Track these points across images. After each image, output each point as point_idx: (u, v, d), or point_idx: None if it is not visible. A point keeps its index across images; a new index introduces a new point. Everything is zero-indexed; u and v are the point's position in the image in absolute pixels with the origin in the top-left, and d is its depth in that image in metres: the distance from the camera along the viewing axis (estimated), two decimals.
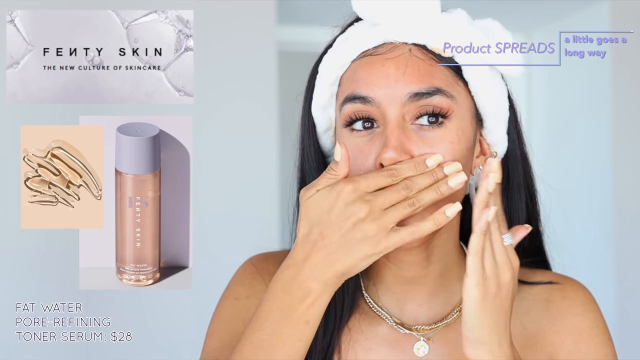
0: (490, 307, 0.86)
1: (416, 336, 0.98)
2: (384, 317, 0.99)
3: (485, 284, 0.86)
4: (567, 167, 3.19)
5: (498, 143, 0.98)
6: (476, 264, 0.85)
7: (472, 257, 0.85)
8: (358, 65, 0.94)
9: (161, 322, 2.36)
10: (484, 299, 0.85)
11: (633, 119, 2.86)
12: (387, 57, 0.92)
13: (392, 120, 0.90)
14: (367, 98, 0.91)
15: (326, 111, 0.98)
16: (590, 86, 2.99)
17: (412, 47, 0.92)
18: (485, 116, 0.96)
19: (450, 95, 0.92)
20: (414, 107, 0.90)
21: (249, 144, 2.52)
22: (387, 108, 0.91)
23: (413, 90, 0.90)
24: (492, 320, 0.86)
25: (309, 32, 3.05)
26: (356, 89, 0.92)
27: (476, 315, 0.85)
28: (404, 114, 0.91)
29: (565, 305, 1.00)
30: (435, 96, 0.90)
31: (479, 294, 0.85)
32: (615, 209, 2.86)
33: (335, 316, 0.98)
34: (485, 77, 0.94)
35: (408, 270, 0.98)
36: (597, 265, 2.89)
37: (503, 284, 0.87)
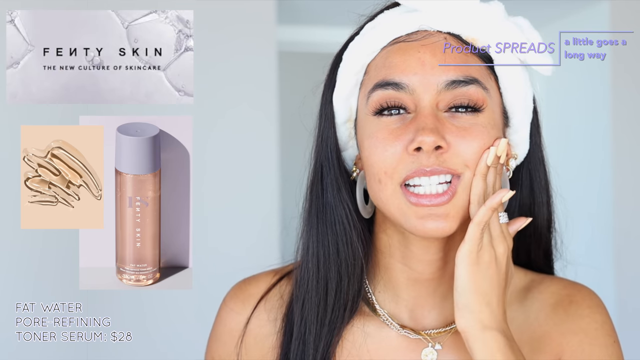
0: (482, 275, 0.88)
1: (425, 342, 0.96)
2: (389, 323, 0.97)
3: (480, 252, 0.88)
4: (567, 167, 3.19)
5: (520, 145, 0.97)
6: (476, 233, 0.88)
7: (474, 226, 0.88)
8: (390, 51, 0.91)
9: (161, 322, 2.36)
10: (476, 265, 0.88)
11: (633, 119, 2.86)
12: (422, 44, 0.90)
13: (427, 107, 0.88)
14: (400, 84, 0.89)
15: (348, 101, 0.96)
16: (590, 87, 2.99)
17: (446, 36, 0.91)
18: (512, 114, 0.94)
19: (485, 87, 0.90)
20: (449, 96, 0.89)
21: (249, 144, 2.52)
22: (422, 94, 0.89)
23: (450, 77, 0.89)
24: (482, 289, 0.88)
25: (309, 32, 3.05)
26: (388, 75, 0.90)
27: (466, 279, 0.87)
28: (438, 102, 0.89)
29: (572, 308, 0.99)
30: (472, 86, 0.89)
31: (472, 259, 0.88)
32: (615, 208, 2.86)
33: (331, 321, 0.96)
34: (517, 74, 0.92)
35: (423, 272, 0.96)
36: (597, 264, 2.89)
37: (497, 255, 0.89)
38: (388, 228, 0.97)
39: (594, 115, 3.01)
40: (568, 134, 3.24)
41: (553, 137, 3.35)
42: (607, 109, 2.88)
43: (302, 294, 0.97)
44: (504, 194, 0.88)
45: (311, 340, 0.95)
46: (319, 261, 0.96)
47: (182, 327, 2.34)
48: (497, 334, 0.87)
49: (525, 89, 0.94)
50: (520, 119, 0.95)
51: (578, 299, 0.99)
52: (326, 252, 0.96)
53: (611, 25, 2.76)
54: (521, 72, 0.93)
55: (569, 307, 0.98)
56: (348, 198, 0.96)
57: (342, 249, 0.96)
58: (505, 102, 0.94)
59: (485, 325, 0.87)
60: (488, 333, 0.87)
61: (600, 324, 0.98)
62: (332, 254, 0.96)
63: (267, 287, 1.03)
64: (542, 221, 1.01)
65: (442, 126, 0.88)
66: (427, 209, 0.88)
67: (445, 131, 0.88)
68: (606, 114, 2.88)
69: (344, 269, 0.96)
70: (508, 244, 0.91)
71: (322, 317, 0.96)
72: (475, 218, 0.88)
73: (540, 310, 0.99)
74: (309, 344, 0.95)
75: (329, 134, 0.97)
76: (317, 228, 0.97)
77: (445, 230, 0.89)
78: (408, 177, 0.88)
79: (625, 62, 2.77)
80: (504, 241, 0.90)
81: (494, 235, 0.90)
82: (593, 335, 0.97)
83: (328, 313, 0.96)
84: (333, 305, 0.96)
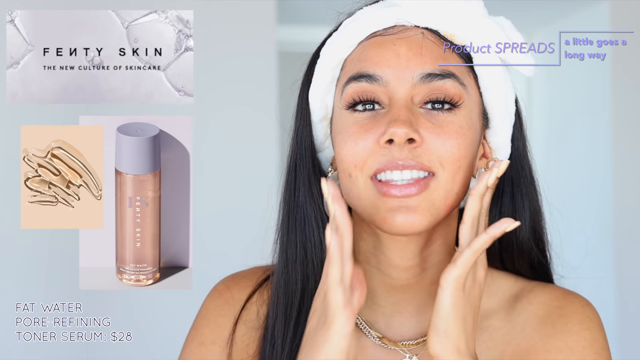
0: (463, 301, 0.82)
1: (401, 353, 0.93)
2: (366, 332, 0.94)
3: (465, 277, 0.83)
4: (567, 167, 3.19)
5: (501, 148, 0.94)
6: (470, 260, 0.81)
7: (470, 253, 0.81)
8: (366, 45, 0.90)
9: (161, 322, 2.36)
10: (461, 291, 0.82)
11: (633, 120, 2.86)
12: (398, 37, 0.88)
13: (401, 99, 0.86)
14: (374, 76, 0.87)
15: (324, 99, 0.93)
16: (590, 87, 2.99)
17: (424, 31, 0.89)
18: (492, 115, 0.92)
19: (462, 83, 0.88)
20: (424, 89, 0.86)
21: (249, 144, 2.52)
22: (396, 87, 0.86)
23: (426, 70, 0.86)
24: (461, 315, 0.82)
25: (309, 32, 3.04)
26: (362, 68, 0.88)
27: (450, 305, 0.81)
28: (413, 95, 0.87)
29: (560, 323, 0.92)
30: (448, 80, 0.87)
31: (459, 285, 0.81)
32: (615, 209, 2.86)
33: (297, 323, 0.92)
34: (497, 73, 0.90)
35: (399, 278, 0.93)
36: (597, 266, 2.89)
37: (477, 279, 0.85)
38: (364, 232, 0.93)
39: (594, 115, 3.01)
40: (568, 134, 3.24)
41: (553, 137, 3.36)
42: (607, 109, 2.88)
43: (275, 295, 0.94)
44: (509, 225, 0.81)
45: (279, 343, 0.93)
46: (287, 262, 0.93)
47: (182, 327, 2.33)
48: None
49: (506, 89, 0.91)
50: (501, 120, 0.92)
51: (569, 312, 0.93)
52: (293, 253, 0.93)
53: (611, 25, 2.76)
54: (502, 71, 0.90)
55: (557, 321, 0.92)
56: (320, 198, 0.93)
57: (310, 249, 0.93)
58: (485, 102, 0.91)
59: (460, 352, 0.82)
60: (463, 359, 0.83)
61: (590, 342, 0.91)
62: (300, 255, 0.93)
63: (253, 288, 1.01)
64: (524, 230, 0.95)
65: (417, 120, 0.85)
66: (397, 201, 0.84)
67: (419, 125, 0.85)
68: (606, 114, 2.88)
69: (310, 270, 0.93)
70: (485, 267, 0.86)
71: (288, 319, 0.93)
72: (473, 244, 0.81)
73: (527, 322, 0.93)
74: (277, 347, 0.93)
75: (304, 132, 0.95)
76: (287, 228, 0.94)
77: (414, 225, 0.85)
78: (379, 170, 0.85)
79: (625, 62, 2.77)
80: (484, 265, 0.86)
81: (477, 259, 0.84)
82: (579, 354, 0.90)
83: (293, 316, 0.92)
84: (299, 307, 0.92)
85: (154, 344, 2.28)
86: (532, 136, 2.65)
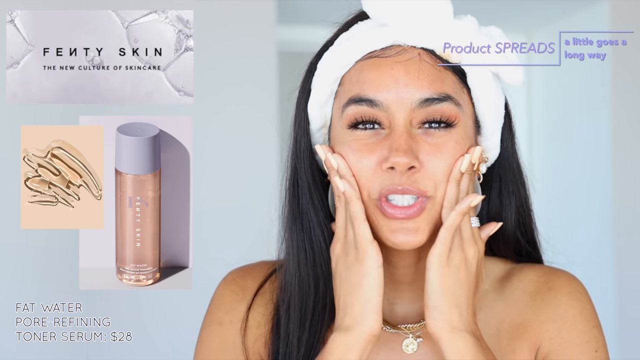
0: (452, 277, 0.89)
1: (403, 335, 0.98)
2: None
3: (450, 255, 0.90)
4: (567, 167, 3.19)
5: (491, 149, 0.98)
6: (446, 237, 0.89)
7: (444, 230, 0.89)
8: (364, 66, 0.92)
9: (161, 322, 2.37)
10: (446, 268, 0.89)
11: (633, 120, 2.86)
12: (396, 60, 0.91)
13: (400, 124, 0.90)
14: (374, 101, 0.90)
15: (322, 110, 0.97)
16: (590, 87, 3.00)
17: (420, 52, 0.92)
18: (484, 123, 0.96)
19: (458, 103, 0.92)
20: (422, 113, 0.90)
21: (249, 144, 2.52)
22: (396, 112, 0.90)
23: (424, 95, 0.90)
24: (451, 291, 0.89)
25: (309, 32, 3.04)
26: (362, 91, 0.91)
27: (436, 282, 0.89)
28: (412, 119, 0.90)
29: (550, 295, 0.99)
30: (445, 103, 0.91)
31: (442, 262, 0.89)
32: (615, 208, 2.86)
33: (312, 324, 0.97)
34: (489, 85, 0.94)
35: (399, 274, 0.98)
36: (597, 265, 2.89)
37: (467, 258, 0.91)
38: None
39: (594, 115, 3.01)
40: (568, 134, 3.24)
41: (553, 137, 3.36)
42: (607, 109, 2.88)
43: (287, 297, 0.99)
44: (473, 199, 0.90)
45: (295, 342, 0.97)
46: (299, 265, 0.98)
47: (182, 327, 2.33)
48: (467, 335, 0.89)
49: (497, 99, 0.95)
50: (492, 126, 0.97)
51: (556, 285, 1.00)
52: (303, 256, 0.98)
53: (611, 25, 2.76)
54: (492, 81, 0.94)
55: (547, 294, 0.99)
56: (320, 205, 0.98)
57: (317, 253, 0.98)
58: (477, 112, 0.95)
59: (454, 327, 0.89)
60: (457, 334, 0.89)
61: (579, 309, 0.98)
62: (309, 258, 0.98)
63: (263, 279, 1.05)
64: (509, 224, 1.02)
65: (416, 145, 0.90)
66: (399, 223, 0.90)
67: (418, 150, 0.90)
68: (606, 114, 2.88)
69: (320, 273, 0.97)
70: (479, 248, 0.93)
71: (304, 320, 0.97)
72: (446, 222, 0.90)
73: (520, 299, 1.00)
74: (293, 346, 0.97)
75: (302, 141, 0.99)
76: (295, 232, 0.98)
77: (415, 244, 0.91)
78: (382, 194, 0.90)
79: (625, 62, 2.77)
80: (474, 245, 0.92)
81: (464, 238, 0.91)
82: (571, 321, 0.97)
83: (309, 316, 0.97)
84: (313, 307, 0.97)
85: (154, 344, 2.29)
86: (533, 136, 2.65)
